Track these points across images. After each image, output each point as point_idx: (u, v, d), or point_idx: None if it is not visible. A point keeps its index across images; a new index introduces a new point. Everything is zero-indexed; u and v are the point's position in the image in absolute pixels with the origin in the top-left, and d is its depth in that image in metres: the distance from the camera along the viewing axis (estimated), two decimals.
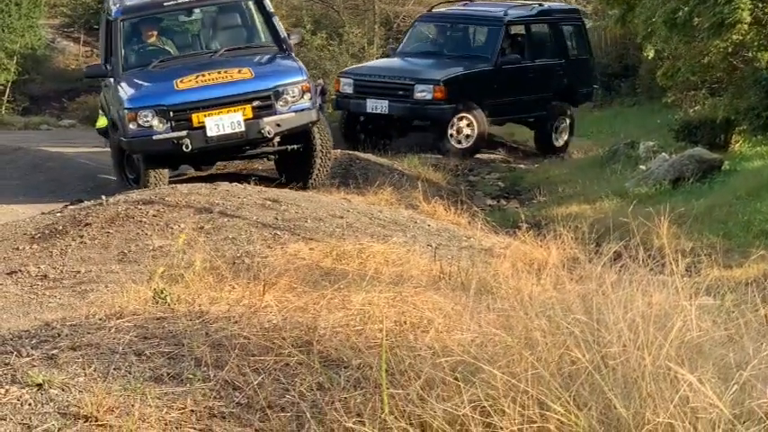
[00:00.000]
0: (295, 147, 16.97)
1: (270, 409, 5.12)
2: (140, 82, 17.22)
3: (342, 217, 11.64)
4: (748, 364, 4.57)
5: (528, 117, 24.32)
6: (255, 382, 5.31)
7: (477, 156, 23.31)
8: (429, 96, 22.01)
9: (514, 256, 9.86)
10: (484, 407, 4.54)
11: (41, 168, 20.69)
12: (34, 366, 5.55)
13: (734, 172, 18.26)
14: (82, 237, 10.94)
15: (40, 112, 40.90)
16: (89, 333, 6.13)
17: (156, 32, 18.37)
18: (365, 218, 11.87)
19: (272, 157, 17.80)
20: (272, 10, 18.47)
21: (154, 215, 11.33)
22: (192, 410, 5.11)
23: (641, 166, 20.16)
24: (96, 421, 4.97)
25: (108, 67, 17.79)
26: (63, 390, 5.28)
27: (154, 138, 16.21)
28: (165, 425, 4.99)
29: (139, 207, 11.57)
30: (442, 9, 26.83)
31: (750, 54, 20.88)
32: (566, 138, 24.46)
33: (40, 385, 5.28)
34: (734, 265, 10.56)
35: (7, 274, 10.09)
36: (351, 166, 19.16)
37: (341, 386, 5.23)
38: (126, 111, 16.38)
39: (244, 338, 5.90)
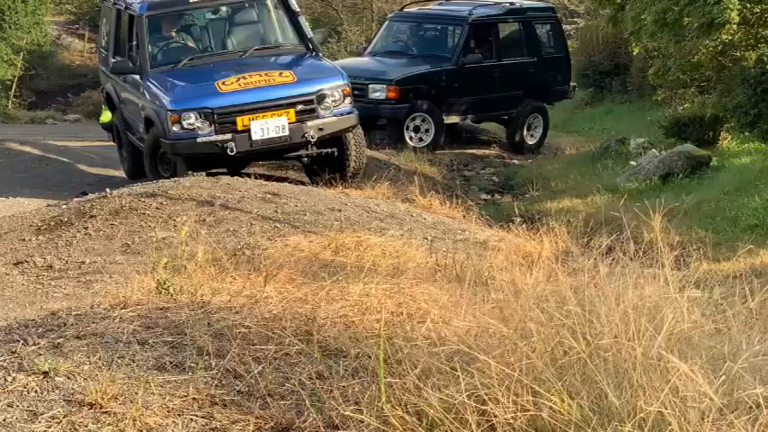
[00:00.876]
0: (329, 150, 16.59)
1: (270, 397, 5.12)
2: (177, 82, 16.67)
3: (340, 210, 11.64)
4: (736, 355, 4.57)
5: (498, 115, 24.21)
6: (256, 371, 5.31)
7: (472, 151, 23.32)
8: (383, 96, 21.96)
9: (508, 249, 9.85)
10: (479, 395, 4.54)
11: (47, 161, 20.67)
12: (40, 355, 5.55)
13: (722, 168, 18.27)
14: (87, 228, 10.93)
15: (46, 107, 40.91)
16: (94, 322, 6.13)
17: (180, 29, 17.94)
18: (363, 211, 11.86)
19: (305, 160, 17.34)
20: (298, 9, 18.09)
21: (157, 208, 11.32)
22: (195, 398, 5.11)
23: (632, 162, 20.17)
24: (101, 408, 4.97)
25: (131, 63, 17.22)
26: (68, 377, 5.27)
27: (198, 140, 15.74)
28: (168, 412, 4.99)
29: (143, 200, 11.56)
30: (412, 9, 26.76)
31: (738, 53, 20.90)
32: (539, 136, 24.33)
33: (45, 373, 5.27)
34: (722, 258, 10.55)
35: (14, 264, 10.10)
36: None
37: (339, 375, 5.23)
38: (169, 112, 15.82)
39: (245, 328, 5.89)
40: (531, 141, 24.12)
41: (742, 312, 5.15)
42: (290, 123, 15.84)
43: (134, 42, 17.44)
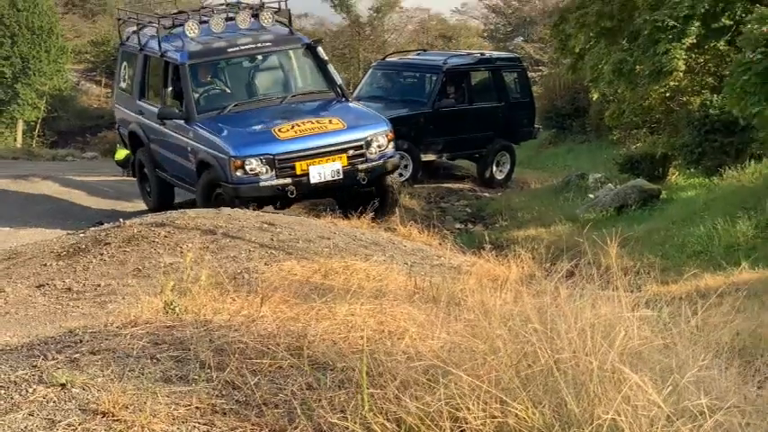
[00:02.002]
0: (370, 188, 16.39)
1: (265, 406, 5.10)
2: (233, 128, 16.32)
3: (329, 238, 11.63)
4: (683, 368, 4.57)
5: (470, 153, 24.26)
6: (253, 383, 5.29)
7: (447, 185, 23.35)
8: None
9: (479, 273, 9.85)
10: (452, 404, 4.53)
11: (67, 194, 20.64)
12: (59, 368, 5.53)
13: (670, 200, 18.32)
14: (102, 255, 10.91)
15: (66, 146, 40.96)
16: (107, 339, 6.11)
17: (218, 76, 17.63)
18: (350, 239, 11.85)
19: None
20: (326, 57, 17.89)
21: (165, 236, 11.30)
22: (197, 407, 5.09)
23: (590, 195, 20.22)
24: (113, 417, 4.95)
25: (177, 109, 16.84)
26: (84, 389, 5.25)
27: (260, 185, 15.53)
28: (174, 420, 4.97)
29: (153, 229, 11.53)
30: (393, 58, 26.87)
31: (684, 98, 21.01)
32: (507, 171, 24.37)
33: (63, 385, 5.25)
34: (670, 281, 10.56)
35: (36, 287, 10.06)
36: None
37: (327, 386, 5.21)
38: (232, 158, 15.55)
39: (243, 344, 5.88)
40: (499, 176, 24.17)
41: (687, 330, 5.15)
42: (343, 167, 15.73)
43: (169, 88, 17.16)
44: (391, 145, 16.39)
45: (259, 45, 17.58)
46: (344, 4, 50.85)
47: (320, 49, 17.77)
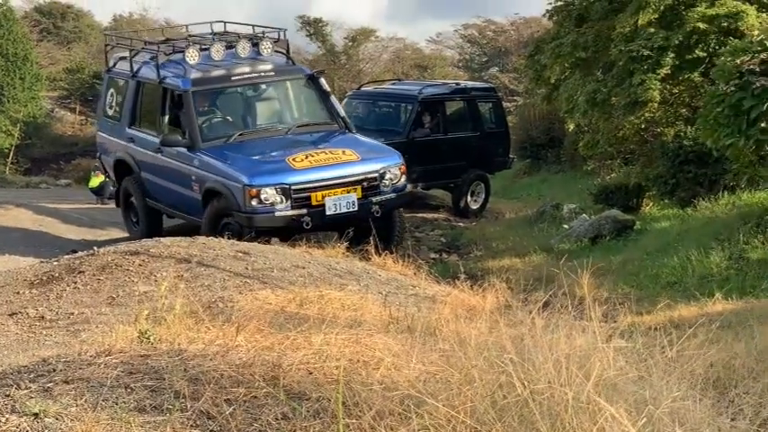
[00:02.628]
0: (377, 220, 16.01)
1: None
2: (244, 157, 16.08)
3: (304, 267, 11.62)
4: (657, 399, 4.58)
5: (445, 182, 24.27)
6: (228, 412, 5.28)
7: (422, 215, 23.37)
8: None
9: (454, 303, 9.86)
10: None
11: (41, 222, 20.55)
12: (31, 398, 5.50)
13: (644, 231, 18.37)
14: (76, 283, 10.87)
15: (40, 173, 40.86)
16: (81, 368, 6.08)
17: (222, 105, 17.44)
18: (324, 268, 11.85)
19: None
20: (329, 89, 17.76)
21: (140, 264, 11.27)
22: None
23: (565, 225, 20.27)
24: None
25: (178, 137, 16.59)
26: (57, 419, 5.23)
27: (276, 214, 15.30)
28: None
29: (127, 257, 11.51)
30: (368, 88, 26.90)
31: (659, 129, 21.13)
32: (481, 201, 24.40)
33: (36, 414, 5.22)
34: (644, 312, 10.59)
35: (9, 315, 10.01)
36: None
37: (303, 416, 5.21)
38: (247, 187, 15.26)
39: (218, 373, 5.86)
40: (474, 206, 24.20)
41: (662, 361, 5.17)
42: (358, 199, 15.60)
43: (167, 115, 16.99)
44: (404, 178, 16.33)
45: (262, 74, 17.47)
46: (320, 33, 51.03)
47: (322, 80, 17.69)
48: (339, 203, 15.46)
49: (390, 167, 16.11)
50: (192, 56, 17.00)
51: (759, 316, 8.97)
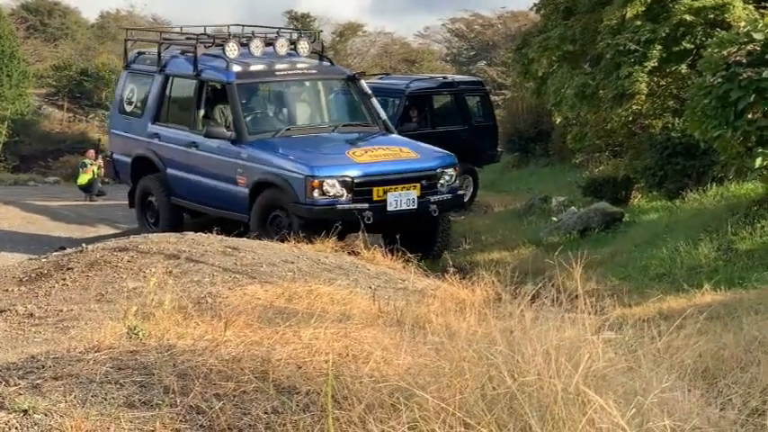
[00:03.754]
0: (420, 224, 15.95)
1: (230, 430, 5.09)
2: (301, 150, 15.84)
3: (293, 262, 11.62)
4: (647, 390, 4.59)
5: None
6: (217, 407, 5.27)
7: None
8: None
9: (443, 297, 9.88)
10: (417, 427, 4.53)
11: (29, 219, 20.52)
12: (21, 394, 5.49)
13: (633, 223, 18.38)
14: (64, 279, 10.85)
15: (28, 170, 40.75)
16: (70, 365, 6.07)
17: (265, 99, 17.31)
18: (313, 263, 11.85)
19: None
20: (369, 91, 17.57)
21: (128, 261, 11.25)
22: None
23: (553, 218, 20.26)
24: None
25: (220, 129, 16.28)
26: (46, 415, 5.22)
27: (338, 207, 15.08)
28: None
29: (116, 253, 11.49)
30: None
31: (646, 122, 21.14)
32: (470, 194, 24.34)
33: (25, 411, 5.21)
34: (633, 304, 10.60)
35: None
36: None
37: (292, 410, 5.20)
38: (309, 178, 15.02)
39: (207, 368, 5.86)
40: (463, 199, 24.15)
41: (651, 352, 5.18)
42: (417, 197, 15.48)
43: (201, 109, 16.75)
44: (458, 180, 16.31)
45: (305, 72, 17.37)
46: (307, 28, 50.96)
47: (363, 81, 17.60)
48: (400, 200, 15.35)
49: (447, 168, 16.07)
50: (232, 49, 16.76)
51: (747, 307, 8.98)
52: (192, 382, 5.66)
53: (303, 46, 17.50)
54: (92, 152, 31.20)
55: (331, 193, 15.09)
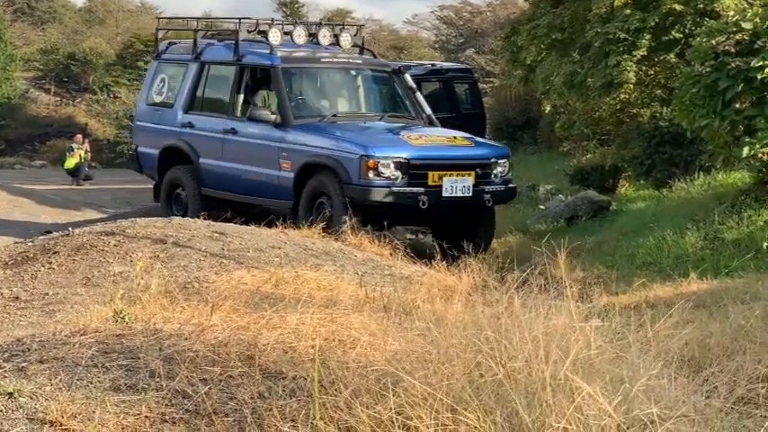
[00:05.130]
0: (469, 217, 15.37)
1: (215, 414, 5.08)
2: (353, 131, 15.51)
3: (280, 248, 11.59)
4: (633, 378, 4.59)
5: None
6: (203, 391, 5.27)
7: None
8: None
9: (430, 283, 9.87)
10: (404, 413, 4.53)
11: (16, 203, 20.47)
12: (5, 377, 5.47)
13: (620, 212, 18.41)
14: (51, 263, 10.81)
15: (15, 154, 40.66)
16: (55, 348, 6.06)
17: (310, 85, 17.00)
18: (300, 249, 11.83)
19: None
20: (414, 85, 17.30)
21: (115, 245, 11.22)
22: (147, 416, 5.06)
23: (541, 206, 20.30)
24: (61, 426, 4.91)
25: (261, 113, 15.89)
26: (31, 398, 5.21)
27: (394, 189, 14.53)
28: (123, 429, 4.93)
29: (102, 238, 11.45)
30: None
31: (634, 110, 21.16)
32: None
33: (10, 394, 5.20)
34: (620, 292, 10.62)
35: None
36: None
37: (278, 395, 5.20)
38: (365, 158, 14.47)
39: (193, 353, 5.85)
40: None
41: (638, 340, 5.18)
42: (472, 185, 14.96)
43: (241, 94, 16.45)
44: (511, 173, 15.87)
45: (350, 61, 17.13)
46: (296, 15, 50.87)
47: (407, 75, 17.38)
48: (455, 186, 14.80)
49: (500, 158, 15.63)
50: (276, 36, 16.51)
51: (734, 296, 9.00)
52: (177, 366, 5.65)
53: (345, 38, 17.26)
54: (79, 137, 31.20)
55: (386, 175, 14.58)
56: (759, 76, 13.16)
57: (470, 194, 14.94)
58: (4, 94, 42.75)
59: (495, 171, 15.37)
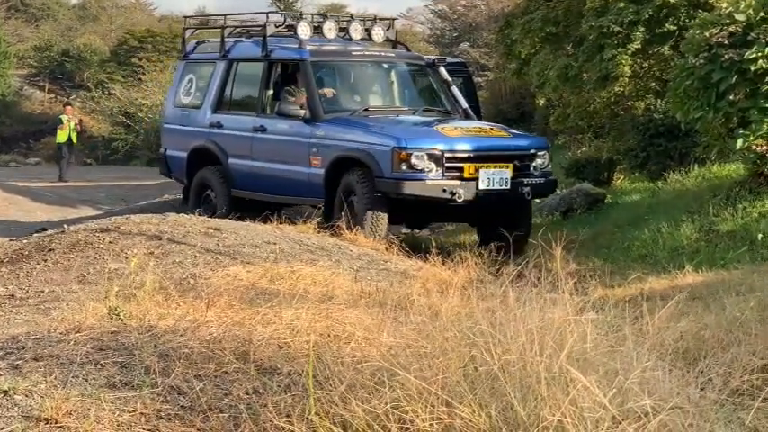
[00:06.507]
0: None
1: (210, 411, 5.08)
2: (385, 124, 14.98)
3: (275, 243, 11.59)
4: (628, 370, 4.60)
5: None
6: (198, 388, 5.27)
7: None
8: None
9: (426, 278, 9.88)
10: (399, 407, 4.53)
11: (11, 201, 20.46)
12: (1, 375, 5.48)
13: (615, 204, 18.42)
14: (46, 261, 10.81)
15: (9, 152, 40.66)
16: (51, 345, 6.06)
17: (341, 79, 16.50)
18: (295, 244, 11.83)
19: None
20: (450, 79, 16.81)
21: (110, 242, 11.21)
22: (142, 413, 5.06)
23: (536, 199, 20.27)
24: (56, 423, 4.91)
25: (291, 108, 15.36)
26: (26, 395, 5.21)
27: (428, 182, 13.94)
28: (118, 426, 4.93)
29: (97, 235, 11.44)
30: None
31: (629, 103, 21.16)
32: None
33: (5, 392, 5.20)
34: (615, 285, 10.62)
35: None
36: None
37: (273, 390, 5.20)
38: (396, 150, 13.91)
39: (188, 349, 5.85)
40: None
41: (632, 332, 5.18)
42: (510, 178, 14.31)
43: (270, 90, 16.00)
44: (550, 166, 15.27)
45: (382, 54, 16.71)
46: (290, 9, 50.81)
47: (443, 69, 16.92)
48: (493, 178, 14.18)
49: (539, 151, 14.97)
50: (305, 30, 16.11)
51: (729, 287, 9.01)
52: (173, 362, 5.65)
53: (378, 32, 16.94)
54: (69, 108, 31.16)
55: (419, 167, 13.99)
56: (752, 68, 13.17)
57: (508, 187, 14.34)
58: None
59: (534, 163, 14.75)
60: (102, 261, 10.69)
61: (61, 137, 29.09)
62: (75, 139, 29.73)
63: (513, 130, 16.53)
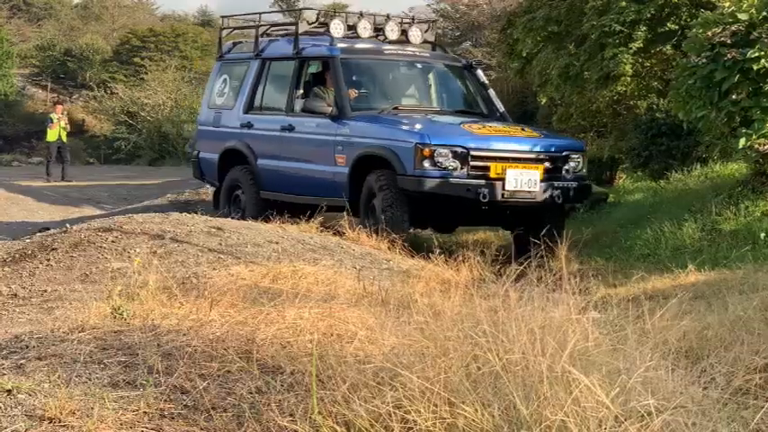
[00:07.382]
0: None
1: (214, 410, 5.08)
2: (410, 122, 14.49)
3: (277, 243, 11.59)
4: (630, 369, 4.60)
5: None
6: (201, 387, 5.27)
7: None
8: None
9: (428, 277, 9.88)
10: (402, 406, 4.54)
11: (13, 200, 20.46)
12: (4, 374, 5.48)
13: (618, 204, 18.42)
14: (49, 260, 10.81)
15: (12, 151, 40.69)
16: (54, 345, 6.06)
17: (372, 77, 16.17)
18: (298, 244, 11.83)
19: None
20: (487, 81, 16.67)
21: (113, 241, 11.21)
22: (145, 412, 5.06)
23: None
24: (59, 422, 4.91)
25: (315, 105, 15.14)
26: (30, 395, 5.21)
27: (451, 180, 13.48)
28: (121, 425, 4.93)
29: (100, 234, 11.44)
30: None
31: (631, 102, 21.15)
32: None
33: (9, 391, 5.20)
34: (618, 284, 10.61)
35: None
36: None
37: (276, 390, 5.20)
38: (419, 146, 13.47)
39: (191, 348, 5.85)
40: None
41: (635, 332, 5.18)
42: (540, 180, 13.78)
43: (300, 89, 15.71)
44: (585, 170, 14.75)
45: (416, 54, 16.43)
46: (291, 8, 50.84)
47: (480, 71, 16.82)
48: (520, 179, 13.66)
49: (573, 153, 14.41)
50: (337, 28, 15.96)
51: (731, 287, 9.01)
52: (176, 362, 5.65)
53: (415, 33, 16.66)
54: (59, 106, 31.11)
55: (443, 165, 13.54)
56: (755, 67, 13.15)
57: (537, 189, 13.79)
58: (0, 92, 42.74)
59: (566, 166, 14.20)
60: (105, 260, 10.70)
61: (51, 135, 29.06)
62: (65, 138, 29.68)
63: (546, 131, 16.25)
